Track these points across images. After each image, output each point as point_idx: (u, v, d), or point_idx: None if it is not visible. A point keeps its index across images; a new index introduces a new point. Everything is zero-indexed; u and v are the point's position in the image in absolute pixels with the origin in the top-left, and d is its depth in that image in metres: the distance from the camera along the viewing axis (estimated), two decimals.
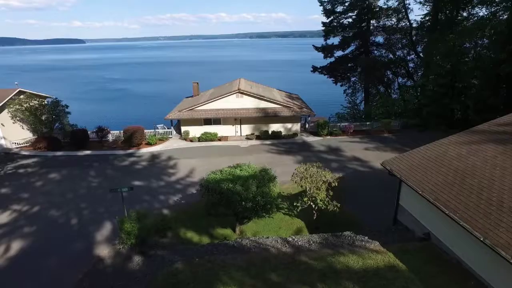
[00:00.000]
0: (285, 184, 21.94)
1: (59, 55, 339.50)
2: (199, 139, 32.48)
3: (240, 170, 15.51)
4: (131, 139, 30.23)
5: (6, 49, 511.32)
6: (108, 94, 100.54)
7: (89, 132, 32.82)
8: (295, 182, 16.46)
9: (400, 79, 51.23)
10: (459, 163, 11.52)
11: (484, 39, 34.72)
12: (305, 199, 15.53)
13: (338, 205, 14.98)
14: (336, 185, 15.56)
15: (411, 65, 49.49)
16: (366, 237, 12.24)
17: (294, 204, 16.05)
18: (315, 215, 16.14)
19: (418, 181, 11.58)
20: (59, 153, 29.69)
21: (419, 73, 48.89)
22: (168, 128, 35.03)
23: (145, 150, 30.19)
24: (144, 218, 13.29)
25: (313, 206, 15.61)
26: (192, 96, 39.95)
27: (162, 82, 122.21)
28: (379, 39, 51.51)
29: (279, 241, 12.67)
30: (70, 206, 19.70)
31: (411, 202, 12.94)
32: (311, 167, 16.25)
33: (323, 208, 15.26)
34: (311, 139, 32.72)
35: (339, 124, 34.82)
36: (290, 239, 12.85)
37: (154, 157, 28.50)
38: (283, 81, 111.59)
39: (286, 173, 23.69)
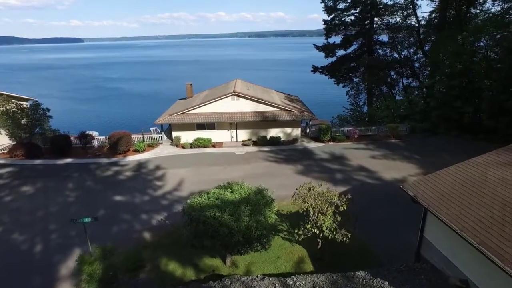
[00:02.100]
0: (284, 200, 19.45)
1: (57, 54, 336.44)
2: (191, 146, 29.97)
3: (231, 191, 13.03)
4: (117, 146, 27.69)
5: (3, 48, 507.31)
6: (102, 94, 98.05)
7: (72, 138, 30.31)
8: (297, 205, 13.99)
9: (404, 80, 48.82)
10: (506, 192, 9.05)
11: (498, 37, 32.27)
12: (308, 226, 13.05)
13: (348, 235, 12.51)
14: (345, 208, 13.07)
15: (416, 64, 47.04)
16: (386, 283, 9.77)
17: (296, 231, 13.58)
18: (320, 243, 13.68)
19: (454, 215, 9.11)
20: (37, 162, 27.15)
21: (425, 73, 46.49)
22: (159, 133, 32.51)
23: (132, 158, 27.66)
24: (111, 255, 10.79)
25: (318, 233, 13.13)
26: (185, 98, 37.45)
27: (159, 81, 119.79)
28: (383, 37, 49.07)
29: (277, 285, 10.19)
30: (38, 227, 17.18)
31: (440, 237, 10.48)
32: (315, 187, 13.78)
33: (329, 237, 12.79)
34: (312, 145, 30.23)
35: (342, 129, 32.34)
36: (291, 282, 10.38)
37: (140, 166, 25.97)
38: (282, 80, 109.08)
39: (285, 186, 21.31)
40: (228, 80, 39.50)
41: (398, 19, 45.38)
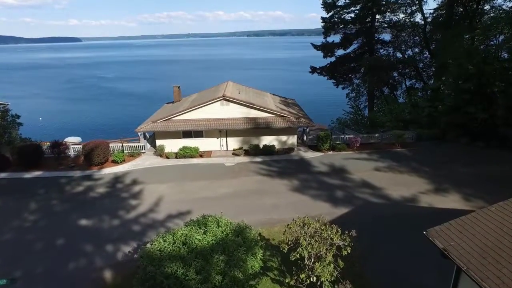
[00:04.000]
0: (277, 225, 16.75)
1: (53, 53, 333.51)
2: (177, 155, 27.13)
3: (204, 229, 10.22)
4: (91, 157, 24.83)
5: None
6: (95, 94, 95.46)
7: (45, 147, 27.46)
8: (288, 241, 11.18)
9: (407, 81, 46.04)
10: None
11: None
12: (303, 276, 10.26)
13: None
14: (349, 252, 10.28)
15: (420, 65, 44.23)
16: None
17: (286, 281, 10.78)
18: None
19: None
20: (2, 175, 24.25)
21: (430, 74, 43.75)
22: (147, 138, 29.64)
23: (108, 171, 24.79)
24: None
25: (315, 281, 10.36)
26: (172, 102, 34.64)
27: (155, 81, 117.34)
28: (386, 36, 46.29)
29: None
30: None
31: None
32: (311, 223, 10.99)
33: None
34: (310, 155, 27.42)
35: (342, 136, 29.52)
36: None
37: (116, 180, 23.10)
38: (280, 80, 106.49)
39: (278, 208, 18.62)
40: (223, 80, 36.49)
41: (402, 16, 42.70)
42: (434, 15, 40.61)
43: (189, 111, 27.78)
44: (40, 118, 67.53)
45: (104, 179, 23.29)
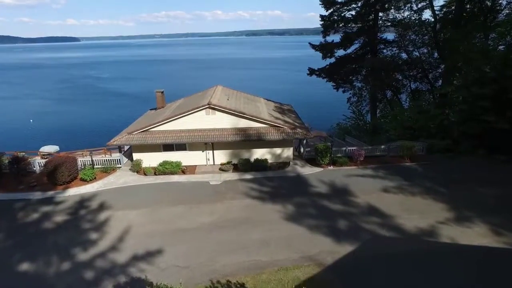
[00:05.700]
0: (265, 271, 13.45)
1: (50, 53, 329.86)
2: (156, 172, 23.76)
3: None
4: (55, 176, 21.43)
5: None
6: (88, 95, 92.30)
7: (7, 162, 24.13)
8: None
9: (413, 84, 42.65)
10: None
11: None
12: None
13: None
14: None
15: (426, 66, 40.86)
16: None
17: None
18: None
19: None
20: None
21: (437, 75, 40.40)
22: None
23: (74, 191, 21.37)
24: None
25: None
26: (156, 109, 31.32)
27: (151, 81, 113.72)
28: (389, 35, 42.95)
29: None
30: None
31: None
32: None
33: None
34: (307, 170, 24.04)
35: (344, 148, 26.16)
36: None
37: (81, 204, 19.69)
38: (277, 80, 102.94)
39: (268, 244, 15.27)
40: (219, 80, 33.05)
41: (407, 13, 39.40)
42: (443, 12, 37.33)
43: (170, 121, 24.46)
44: (31, 120, 64.23)
45: (66, 203, 19.87)
